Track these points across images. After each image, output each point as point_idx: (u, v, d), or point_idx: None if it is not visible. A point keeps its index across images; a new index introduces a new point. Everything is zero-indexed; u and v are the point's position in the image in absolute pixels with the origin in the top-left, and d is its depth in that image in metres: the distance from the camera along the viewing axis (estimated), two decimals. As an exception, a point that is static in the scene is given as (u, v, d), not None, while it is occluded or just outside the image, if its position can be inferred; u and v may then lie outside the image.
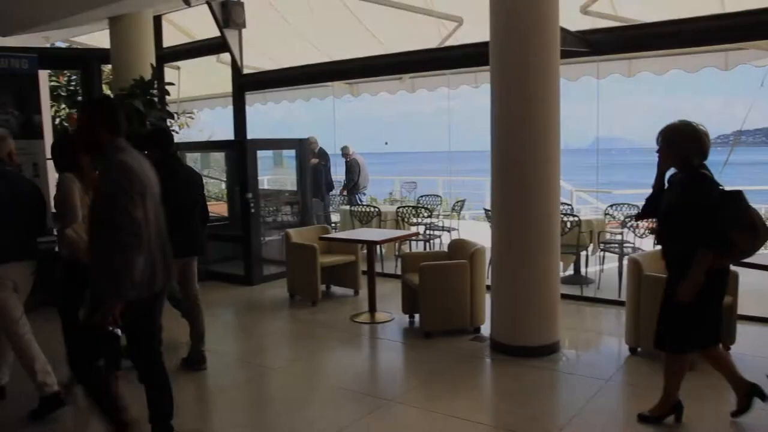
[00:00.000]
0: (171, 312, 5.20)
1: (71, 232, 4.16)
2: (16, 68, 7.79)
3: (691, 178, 3.64)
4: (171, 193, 4.20)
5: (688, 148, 3.62)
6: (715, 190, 3.57)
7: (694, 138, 3.63)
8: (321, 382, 5.04)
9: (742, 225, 3.51)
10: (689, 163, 3.62)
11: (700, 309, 3.67)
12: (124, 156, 3.29)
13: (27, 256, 4.36)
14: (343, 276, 7.58)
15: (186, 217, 5.04)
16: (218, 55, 9.96)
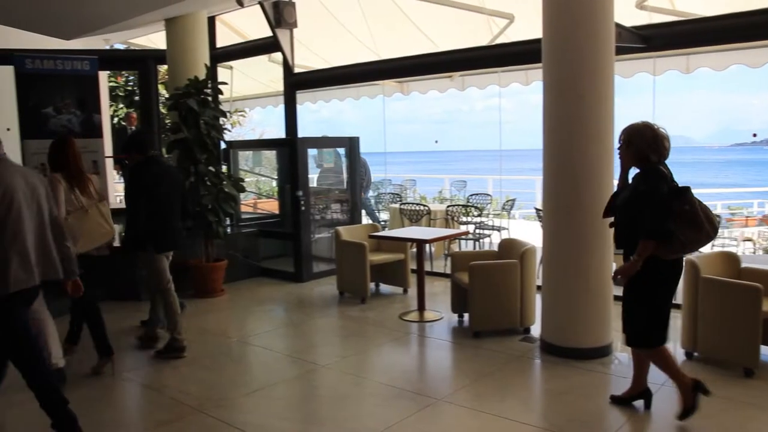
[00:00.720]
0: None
1: None
2: (78, 70, 8.08)
3: (644, 171, 3.83)
4: (152, 191, 5.08)
5: (646, 148, 3.80)
6: (664, 184, 3.72)
7: (653, 138, 3.80)
8: (370, 379, 5.06)
9: (684, 219, 3.68)
10: (648, 162, 3.80)
11: (662, 303, 3.90)
12: None
13: None
14: (392, 274, 7.60)
15: (167, 213, 5.40)
16: (270, 55, 10.11)
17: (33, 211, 3.59)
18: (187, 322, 6.54)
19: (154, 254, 5.40)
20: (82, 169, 5.01)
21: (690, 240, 3.73)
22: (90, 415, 4.35)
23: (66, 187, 4.75)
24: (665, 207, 3.69)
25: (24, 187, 3.57)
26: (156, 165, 5.48)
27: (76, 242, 4.58)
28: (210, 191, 7.53)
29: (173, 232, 5.49)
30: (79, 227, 4.72)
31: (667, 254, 3.79)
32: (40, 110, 7.89)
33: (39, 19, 8.58)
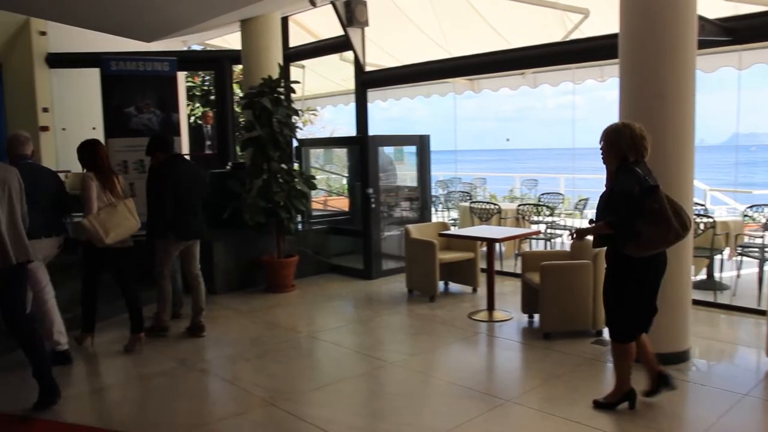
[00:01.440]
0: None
1: (85, 221, 5.12)
2: (159, 71, 8.38)
3: (619, 171, 3.93)
4: (173, 186, 5.63)
5: (626, 148, 3.93)
6: (636, 184, 3.80)
7: (631, 139, 3.92)
8: (438, 378, 5.05)
9: (653, 216, 3.77)
10: (626, 160, 3.92)
11: (633, 301, 4.03)
12: None
13: (53, 233, 5.13)
14: (462, 273, 7.55)
15: (187, 206, 5.85)
16: (341, 54, 10.21)
17: (4, 202, 4.09)
18: (259, 317, 6.71)
19: (173, 242, 5.88)
20: (111, 169, 5.52)
21: (657, 237, 3.81)
22: (165, 404, 4.52)
23: (98, 185, 5.27)
24: (632, 207, 3.80)
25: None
26: (178, 163, 5.93)
27: (108, 234, 5.18)
28: (282, 188, 7.67)
29: (193, 223, 5.96)
30: (109, 221, 5.22)
31: (638, 251, 3.87)
32: (122, 110, 8.23)
33: (123, 24, 8.95)
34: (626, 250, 3.88)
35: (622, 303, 4.07)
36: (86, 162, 5.39)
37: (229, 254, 7.85)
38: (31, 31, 10.65)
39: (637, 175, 3.82)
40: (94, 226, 5.13)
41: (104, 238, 5.17)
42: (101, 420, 4.27)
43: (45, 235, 5.01)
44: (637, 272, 3.98)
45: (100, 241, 5.18)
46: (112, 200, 5.34)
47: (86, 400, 4.69)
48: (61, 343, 5.22)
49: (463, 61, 8.29)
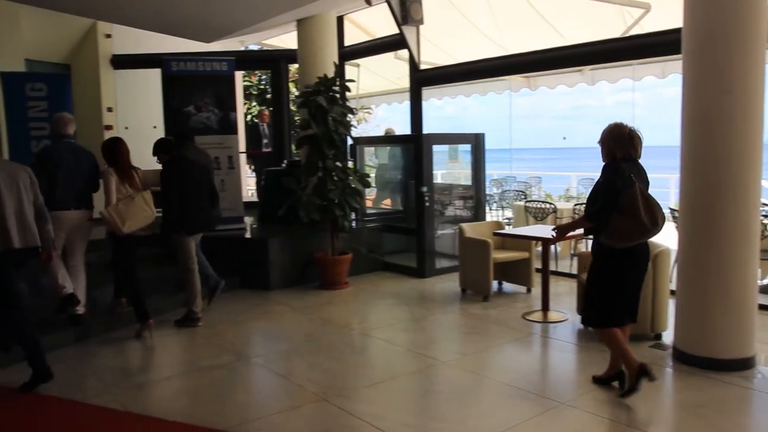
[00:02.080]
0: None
1: (105, 211, 5.59)
2: (217, 70, 8.57)
3: (604, 167, 4.24)
4: (177, 184, 5.99)
5: (614, 146, 4.23)
6: (619, 179, 4.07)
7: (620, 138, 4.22)
8: (490, 378, 5.01)
9: (626, 210, 4.03)
10: (614, 157, 4.22)
11: (611, 289, 4.30)
12: None
13: (82, 206, 5.75)
14: (516, 272, 7.47)
15: (195, 201, 6.17)
16: (396, 52, 10.23)
17: (13, 193, 4.58)
18: (313, 313, 6.79)
19: (184, 237, 6.16)
20: (130, 164, 5.90)
21: (627, 230, 4.09)
22: (222, 396, 4.62)
23: (117, 179, 5.73)
24: (610, 200, 4.08)
25: (5, 176, 4.58)
26: (180, 163, 6.26)
27: (124, 223, 5.60)
28: (337, 186, 7.73)
29: (201, 218, 6.26)
30: (126, 211, 5.65)
31: (613, 242, 4.18)
32: (182, 109, 8.45)
33: (183, 25, 9.18)
34: (602, 239, 4.25)
35: (602, 291, 4.34)
36: (107, 158, 5.81)
37: (284, 251, 7.96)
38: (98, 34, 11.04)
39: (619, 171, 4.10)
40: (113, 216, 5.57)
41: (121, 227, 5.59)
42: (162, 410, 4.39)
43: (74, 207, 5.66)
44: (616, 262, 4.25)
45: (118, 230, 5.61)
46: (130, 192, 5.77)
47: (148, 390, 4.83)
48: (66, 287, 5.71)
49: (519, 59, 8.19)
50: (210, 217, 6.43)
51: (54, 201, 5.43)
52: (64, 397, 4.62)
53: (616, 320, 4.38)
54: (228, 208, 8.57)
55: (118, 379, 5.02)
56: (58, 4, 8.69)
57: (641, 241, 4.21)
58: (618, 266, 4.26)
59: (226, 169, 8.59)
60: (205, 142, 8.41)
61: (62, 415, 4.41)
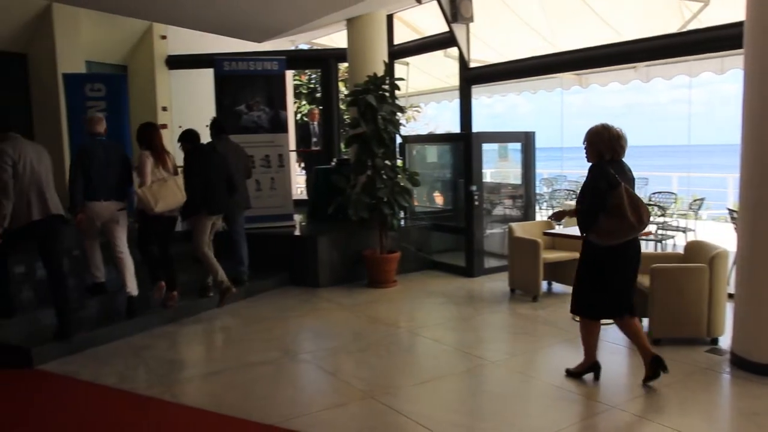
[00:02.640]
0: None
1: (140, 191, 6.00)
2: (268, 70, 8.67)
3: (591, 168, 4.42)
4: (200, 171, 6.49)
5: (602, 147, 4.37)
6: (604, 180, 4.25)
7: (608, 139, 4.36)
8: (539, 379, 4.94)
9: (612, 210, 4.21)
10: (602, 158, 4.37)
11: (598, 283, 4.50)
12: (3, 143, 5.24)
13: (113, 198, 6.07)
14: (567, 273, 7.33)
15: (214, 187, 6.60)
16: (445, 50, 10.18)
17: (42, 167, 5.34)
18: (361, 311, 6.82)
19: (203, 218, 6.59)
20: (164, 148, 6.31)
21: (614, 229, 4.28)
22: (270, 392, 4.68)
23: (152, 162, 6.10)
24: (597, 198, 4.28)
25: (35, 156, 5.36)
26: (201, 152, 6.75)
27: (156, 203, 5.98)
28: (386, 184, 7.75)
29: (218, 202, 6.71)
30: (159, 192, 6.04)
31: (600, 240, 4.37)
32: (234, 108, 8.59)
33: (236, 26, 9.34)
34: (590, 237, 4.45)
35: (590, 286, 4.57)
36: (143, 142, 6.23)
37: (333, 248, 8.02)
38: (153, 35, 11.34)
39: (606, 172, 4.27)
40: (146, 196, 5.97)
41: (154, 206, 5.97)
42: (211, 403, 4.47)
43: (104, 199, 6.01)
44: (604, 259, 4.44)
45: (150, 209, 5.98)
46: (164, 175, 6.17)
47: (198, 383, 4.94)
48: (98, 276, 6.27)
49: (571, 56, 8.06)
50: (227, 202, 6.82)
51: (88, 193, 5.93)
52: (118, 387, 4.77)
53: (601, 314, 4.63)
54: (278, 206, 8.70)
55: (169, 371, 5.15)
56: (116, 7, 8.95)
57: (628, 238, 4.37)
58: (605, 263, 4.46)
59: (276, 167, 8.70)
60: (255, 140, 8.55)
61: (116, 404, 4.53)
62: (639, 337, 4.65)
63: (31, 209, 5.31)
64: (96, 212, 5.99)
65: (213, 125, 7.37)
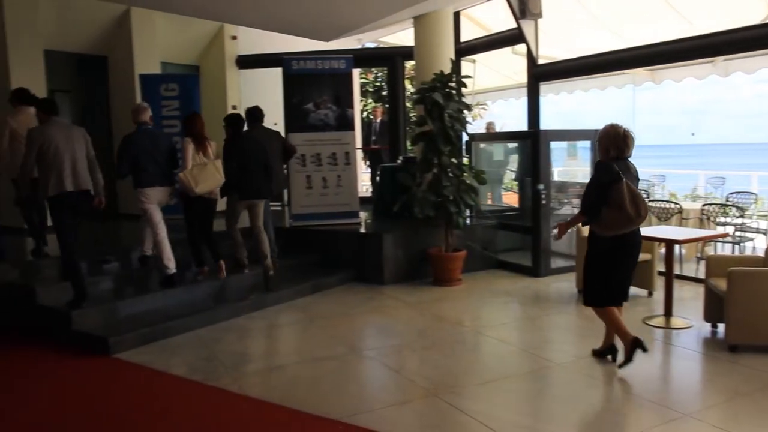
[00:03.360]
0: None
1: (181, 174, 6.45)
2: (335, 68, 8.77)
3: (596, 164, 4.86)
4: (238, 156, 6.84)
5: (609, 145, 4.74)
6: (606, 175, 4.63)
7: (615, 138, 4.72)
8: (608, 383, 4.83)
9: (613, 203, 4.58)
10: (608, 155, 4.74)
11: (604, 272, 4.83)
12: (41, 125, 5.86)
13: (165, 183, 6.55)
14: (637, 275, 7.05)
15: (251, 172, 6.91)
16: (513, 47, 10.05)
17: (69, 147, 5.78)
18: (425, 309, 6.82)
19: (235, 201, 7.01)
20: (205, 136, 6.73)
21: (614, 220, 4.63)
22: (335, 387, 4.74)
23: (193, 148, 6.55)
24: (600, 194, 4.64)
25: (62, 136, 5.78)
26: (241, 139, 7.06)
27: (197, 185, 6.43)
28: (452, 182, 7.71)
29: (254, 186, 7.00)
30: (199, 175, 6.48)
31: (603, 231, 4.73)
32: (301, 106, 8.72)
33: (305, 25, 9.47)
34: (593, 228, 4.81)
35: (597, 274, 4.87)
36: (187, 130, 6.72)
37: (398, 246, 8.04)
38: (224, 36, 11.63)
39: (610, 169, 4.62)
40: (187, 179, 6.41)
41: (194, 188, 6.42)
42: (277, 396, 4.55)
43: (158, 184, 6.46)
44: (607, 248, 4.76)
45: (191, 191, 6.44)
46: (204, 161, 6.60)
47: (264, 376, 5.04)
48: (170, 268, 6.51)
49: (644, 51, 7.80)
50: (262, 187, 7.12)
51: (140, 179, 6.40)
52: (188, 377, 4.92)
53: (611, 300, 4.91)
54: (344, 203, 8.79)
55: (237, 363, 5.27)
56: (189, 10, 9.21)
57: (628, 229, 4.70)
58: (608, 252, 4.78)
59: (343, 165, 8.79)
60: (322, 138, 8.66)
61: (185, 394, 4.68)
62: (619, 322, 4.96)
63: (50, 184, 5.73)
64: (151, 197, 6.44)
65: (248, 114, 7.61)
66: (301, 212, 8.76)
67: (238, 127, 7.12)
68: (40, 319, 6.00)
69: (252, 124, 7.53)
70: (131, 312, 6.12)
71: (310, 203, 8.74)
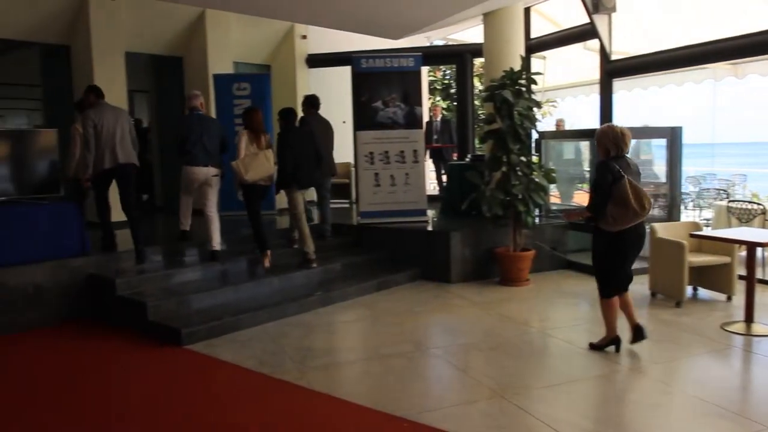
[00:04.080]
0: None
1: (233, 163, 6.87)
2: (404, 66, 8.77)
3: (597, 164, 5.17)
4: (290, 147, 7.18)
5: (608, 144, 4.99)
6: (609, 174, 4.90)
7: (613, 137, 4.97)
8: (681, 390, 4.66)
9: (617, 199, 4.85)
10: (608, 154, 5.00)
11: (611, 265, 5.16)
12: (91, 109, 6.72)
13: (209, 164, 7.15)
14: (714, 278, 6.86)
15: (303, 162, 7.29)
16: (584, 42, 9.82)
17: (117, 126, 6.69)
18: (492, 308, 6.75)
19: (294, 192, 7.31)
20: (260, 129, 7.14)
21: (620, 216, 4.89)
22: (401, 385, 4.75)
23: (247, 139, 6.97)
24: (604, 193, 4.91)
25: (111, 117, 6.70)
26: (293, 130, 7.45)
27: (247, 173, 6.84)
28: (521, 181, 7.61)
29: (307, 175, 7.38)
30: (249, 164, 6.87)
31: (607, 226, 4.99)
32: (370, 105, 8.77)
33: (374, 23, 9.52)
34: (600, 224, 5.05)
35: (602, 267, 5.19)
36: (246, 122, 7.16)
37: (465, 245, 7.99)
38: (295, 35, 11.83)
39: (611, 168, 4.91)
40: (239, 167, 6.83)
41: (244, 175, 6.83)
42: (344, 392, 4.60)
43: (202, 165, 7.07)
44: (611, 243, 5.04)
45: (242, 178, 6.86)
46: (256, 151, 6.98)
47: (331, 371, 5.10)
48: (214, 246, 7.09)
49: (727, 44, 7.47)
50: (315, 175, 7.60)
51: (186, 159, 7.08)
52: (257, 370, 5.03)
53: (614, 291, 5.21)
54: (411, 201, 8.79)
55: (304, 358, 5.35)
56: (261, 11, 9.41)
57: (632, 224, 4.94)
58: (616, 246, 5.05)
59: (411, 163, 8.78)
60: (391, 136, 8.69)
61: (254, 386, 4.79)
62: (629, 306, 5.32)
63: (105, 159, 6.61)
64: (194, 175, 7.11)
65: (306, 101, 8.05)
66: (369, 210, 8.81)
67: (289, 120, 7.49)
68: (119, 309, 6.28)
69: (308, 110, 7.92)
70: (203, 305, 6.31)
71: (377, 201, 8.78)
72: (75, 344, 5.89)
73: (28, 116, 12.55)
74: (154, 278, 6.63)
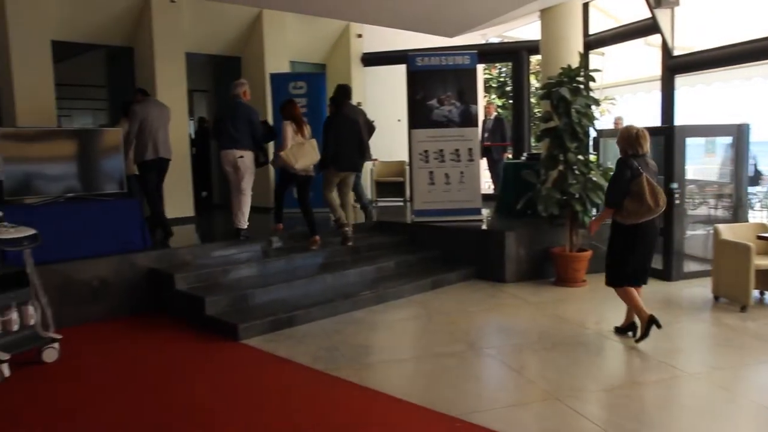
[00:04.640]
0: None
1: (282, 153, 7.30)
2: (459, 64, 8.72)
3: (617, 162, 5.45)
4: (335, 132, 7.69)
5: (626, 145, 5.34)
6: (627, 171, 5.22)
7: (629, 137, 5.32)
8: (746, 398, 4.50)
9: (634, 195, 5.18)
10: (626, 154, 5.33)
11: (621, 255, 5.45)
12: (137, 104, 7.50)
13: (242, 147, 7.42)
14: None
15: (345, 147, 7.74)
16: (645, 38, 9.57)
17: (161, 122, 7.48)
18: (548, 309, 6.66)
19: (332, 173, 7.79)
20: (302, 120, 7.59)
21: (635, 210, 5.22)
22: (454, 384, 4.74)
23: (292, 129, 7.36)
24: (622, 187, 5.25)
25: (156, 111, 7.51)
26: (339, 116, 7.90)
27: (297, 162, 7.28)
28: (578, 180, 7.48)
29: (347, 160, 7.84)
30: (297, 153, 7.31)
31: (624, 220, 5.33)
32: (425, 103, 8.75)
33: (429, 21, 9.50)
34: (616, 218, 5.39)
35: (617, 257, 5.48)
36: (286, 115, 7.49)
37: (521, 244, 7.89)
38: (350, 34, 11.91)
39: (630, 165, 5.23)
40: (288, 157, 7.26)
41: (294, 164, 7.27)
42: (396, 390, 4.62)
43: (235, 147, 7.37)
44: (627, 235, 5.36)
45: (291, 167, 7.29)
46: (302, 140, 7.43)
47: (384, 369, 5.13)
48: (241, 224, 7.52)
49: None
50: (356, 161, 8.00)
51: (221, 143, 7.47)
52: (311, 366, 5.10)
53: (628, 280, 5.46)
54: (466, 200, 8.74)
55: (358, 355, 5.40)
56: (318, 10, 9.51)
57: (647, 218, 5.24)
58: (628, 238, 5.36)
59: (466, 161, 8.73)
60: (446, 134, 8.67)
61: (308, 382, 4.86)
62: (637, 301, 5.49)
63: (147, 150, 7.32)
64: (226, 158, 7.44)
65: (339, 90, 8.20)
66: (423, 208, 8.80)
67: (336, 104, 7.99)
68: (178, 303, 6.45)
69: (342, 100, 8.15)
70: (257, 301, 6.43)
71: (432, 199, 8.76)
72: (135, 337, 6.08)
73: (93, 116, 13.04)
74: (211, 274, 6.78)
